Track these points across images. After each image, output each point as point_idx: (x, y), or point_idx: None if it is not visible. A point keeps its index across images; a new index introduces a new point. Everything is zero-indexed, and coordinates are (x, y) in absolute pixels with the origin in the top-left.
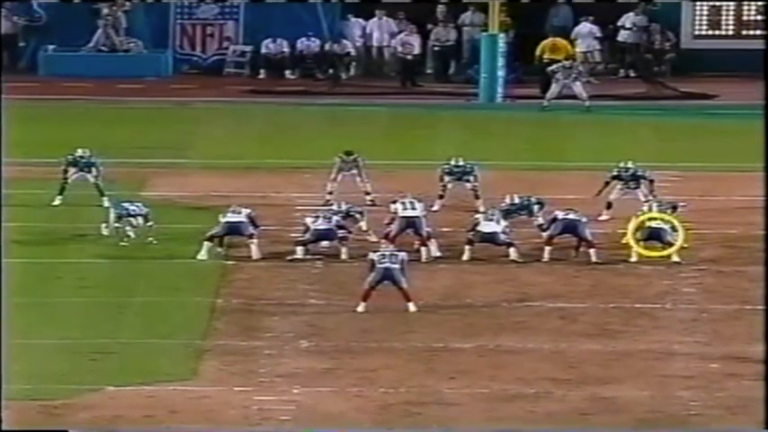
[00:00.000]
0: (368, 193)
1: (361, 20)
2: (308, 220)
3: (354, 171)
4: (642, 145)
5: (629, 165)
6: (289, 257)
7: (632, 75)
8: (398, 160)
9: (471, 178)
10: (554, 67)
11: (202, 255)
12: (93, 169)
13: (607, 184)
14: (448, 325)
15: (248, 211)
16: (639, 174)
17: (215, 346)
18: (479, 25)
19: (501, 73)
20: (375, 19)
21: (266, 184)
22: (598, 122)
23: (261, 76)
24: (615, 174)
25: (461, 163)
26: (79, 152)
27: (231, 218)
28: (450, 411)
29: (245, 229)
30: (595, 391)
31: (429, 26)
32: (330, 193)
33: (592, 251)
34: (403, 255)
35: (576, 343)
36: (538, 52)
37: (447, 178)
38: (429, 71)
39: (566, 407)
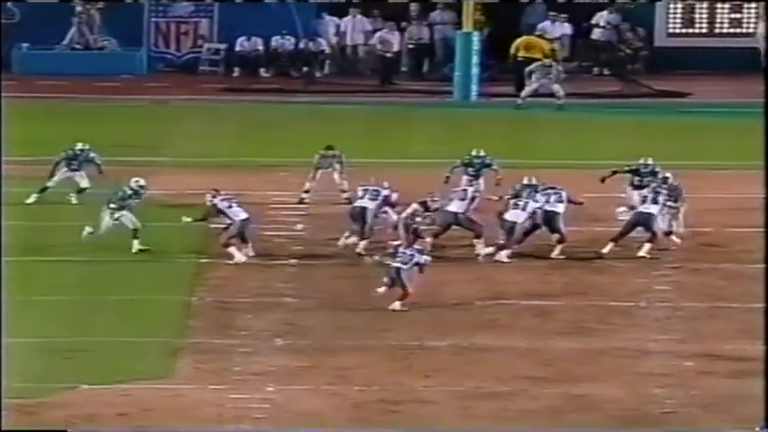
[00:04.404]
0: (344, 191)
1: (335, 18)
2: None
3: (337, 167)
4: (617, 143)
5: (650, 161)
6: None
7: (606, 73)
8: (373, 158)
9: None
10: (533, 66)
11: (240, 257)
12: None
13: (614, 173)
14: (423, 323)
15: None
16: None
17: (190, 345)
18: (450, 23)
19: (475, 71)
20: (349, 17)
21: (242, 182)
22: (573, 120)
23: (235, 75)
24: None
25: (482, 154)
26: (79, 146)
27: (244, 214)
28: (426, 409)
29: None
30: (570, 388)
31: (403, 24)
32: (307, 191)
33: (559, 247)
34: (421, 258)
35: (552, 341)
36: (512, 50)
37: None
38: (404, 69)
39: (541, 405)
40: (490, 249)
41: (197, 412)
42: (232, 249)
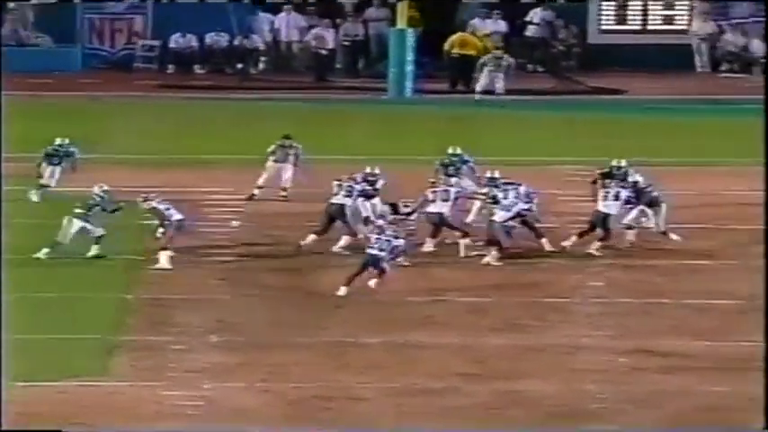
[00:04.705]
0: (285, 189)
1: (269, 15)
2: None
3: (291, 159)
4: (552, 139)
5: (623, 162)
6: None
7: (540, 70)
8: (309, 155)
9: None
10: (485, 58)
11: (165, 263)
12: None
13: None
14: (358, 320)
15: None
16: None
17: (125, 342)
18: (385, 20)
19: (410, 68)
20: (283, 14)
21: (177, 179)
22: (508, 117)
23: (170, 71)
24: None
25: (458, 152)
26: (57, 141)
27: (178, 215)
28: (360, 406)
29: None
30: (504, 385)
31: (338, 21)
32: (260, 187)
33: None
34: (398, 242)
35: (486, 337)
36: (447, 47)
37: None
38: (339, 66)
39: (474, 401)
40: (464, 248)
41: (133, 410)
42: (165, 253)
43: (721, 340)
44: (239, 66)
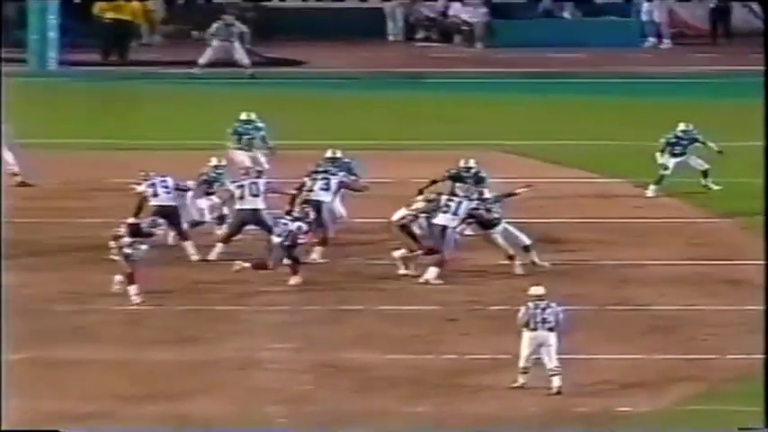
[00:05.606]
0: (16, 174)
1: None
2: None
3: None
4: (212, 120)
5: (471, 164)
6: None
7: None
8: None
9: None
10: (213, 27)
11: None
12: None
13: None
14: None
15: None
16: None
17: None
18: None
19: (53, 35)
20: None
21: None
22: (165, 92)
23: None
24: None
25: (252, 117)
26: None
27: None
28: None
29: None
30: (170, 406)
31: None
32: (16, 174)
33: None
34: (296, 225)
35: (146, 352)
36: (96, 11)
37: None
38: None
39: (134, 425)
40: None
41: None
42: None
43: (419, 353)
44: None
